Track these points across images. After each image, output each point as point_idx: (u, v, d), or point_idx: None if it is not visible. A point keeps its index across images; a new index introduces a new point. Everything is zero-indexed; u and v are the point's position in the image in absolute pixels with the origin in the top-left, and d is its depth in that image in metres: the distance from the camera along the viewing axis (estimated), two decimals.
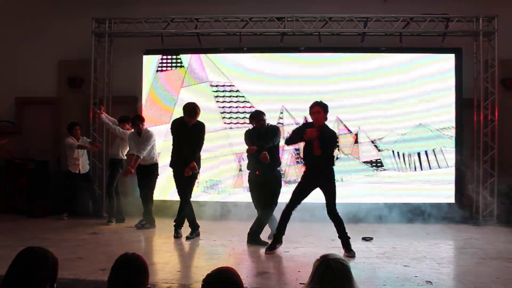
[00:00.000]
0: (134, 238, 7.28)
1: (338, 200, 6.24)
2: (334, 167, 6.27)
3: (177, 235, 7.13)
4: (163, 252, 6.47)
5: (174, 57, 9.31)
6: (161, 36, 9.19)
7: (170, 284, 4.86)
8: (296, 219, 6.58)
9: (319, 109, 6.18)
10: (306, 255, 6.13)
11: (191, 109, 7.05)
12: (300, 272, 5.32)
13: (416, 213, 8.52)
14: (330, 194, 6.17)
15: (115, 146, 8.73)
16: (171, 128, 7.27)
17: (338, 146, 6.21)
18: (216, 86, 9.19)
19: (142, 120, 8.09)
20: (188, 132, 7.05)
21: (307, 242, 6.82)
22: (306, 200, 6.34)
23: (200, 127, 7.15)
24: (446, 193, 8.78)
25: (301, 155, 6.99)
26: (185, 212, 7.22)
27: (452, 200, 8.78)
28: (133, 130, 8.11)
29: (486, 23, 8.80)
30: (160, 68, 9.34)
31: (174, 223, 7.23)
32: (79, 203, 9.06)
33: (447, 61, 8.91)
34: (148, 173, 8.04)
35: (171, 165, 7.29)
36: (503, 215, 8.40)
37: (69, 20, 9.71)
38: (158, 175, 8.20)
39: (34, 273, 2.49)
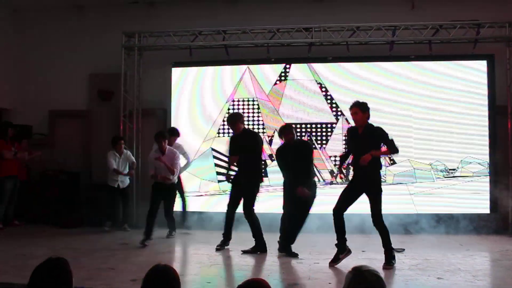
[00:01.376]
0: (165, 249, 7.31)
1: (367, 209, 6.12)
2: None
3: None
4: (193, 263, 6.48)
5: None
6: (190, 49, 9.30)
7: None
8: (324, 229, 6.49)
9: (356, 109, 6.13)
10: (336, 266, 6.05)
11: (228, 117, 7.31)
12: (331, 284, 5.25)
13: (449, 224, 8.33)
14: (375, 202, 6.03)
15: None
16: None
17: (391, 139, 6.03)
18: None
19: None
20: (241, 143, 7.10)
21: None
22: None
23: (252, 137, 7.15)
24: (480, 203, 8.55)
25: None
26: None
27: (487, 210, 8.54)
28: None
29: None
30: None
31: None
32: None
33: (479, 68, 8.73)
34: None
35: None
36: None
37: (100, 34, 9.94)
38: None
39: (54, 283, 2.53)
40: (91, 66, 10.08)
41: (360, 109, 6.10)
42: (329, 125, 9.00)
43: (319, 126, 9.02)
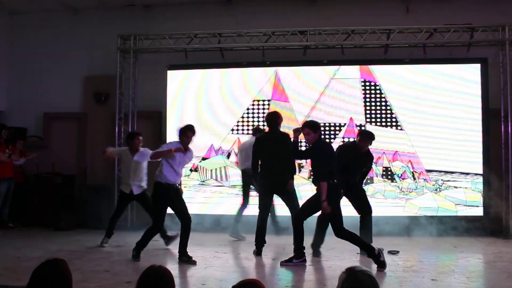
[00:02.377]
0: (159, 251, 7.30)
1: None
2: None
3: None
4: (188, 265, 6.47)
5: None
6: (185, 52, 9.32)
7: None
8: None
9: (307, 130, 6.21)
10: (331, 268, 6.07)
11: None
12: (326, 285, 5.27)
13: (442, 226, 8.36)
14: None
15: (243, 158, 8.08)
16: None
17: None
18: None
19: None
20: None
21: (331, 255, 6.75)
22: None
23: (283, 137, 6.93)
24: (474, 206, 8.60)
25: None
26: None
27: (480, 212, 8.59)
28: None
29: None
30: None
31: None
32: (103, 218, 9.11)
33: (473, 71, 8.79)
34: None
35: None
36: None
37: (95, 37, 9.95)
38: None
39: (54, 285, 2.53)
40: (86, 69, 10.10)
41: (312, 129, 6.19)
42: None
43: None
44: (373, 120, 8.88)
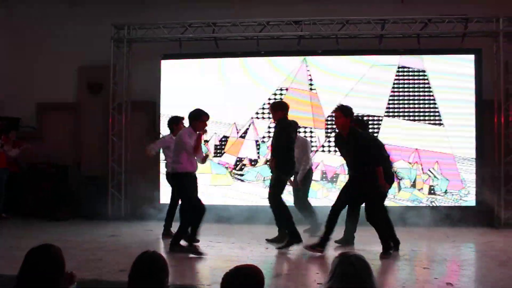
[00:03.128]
0: (154, 241, 7.33)
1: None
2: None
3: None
4: (182, 255, 6.49)
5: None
6: (179, 41, 9.28)
7: (189, 285, 4.88)
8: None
9: (338, 114, 6.13)
10: (324, 257, 6.10)
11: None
12: (319, 274, 5.31)
13: (435, 216, 8.41)
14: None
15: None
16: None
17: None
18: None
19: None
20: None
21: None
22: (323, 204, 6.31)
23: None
24: (466, 196, 8.66)
25: None
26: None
27: (473, 203, 8.65)
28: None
29: (507, 23, 8.67)
30: None
31: None
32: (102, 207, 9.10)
33: (467, 62, 8.81)
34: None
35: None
36: None
37: (89, 26, 9.85)
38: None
39: (45, 270, 2.55)
40: (80, 58, 10.00)
41: (343, 113, 6.08)
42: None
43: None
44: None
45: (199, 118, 6.40)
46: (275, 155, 6.64)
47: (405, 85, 8.91)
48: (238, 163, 9.16)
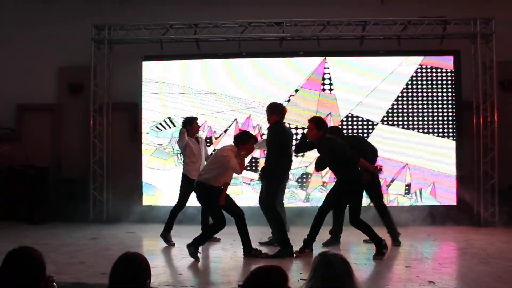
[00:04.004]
0: (135, 243, 7.27)
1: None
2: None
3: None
4: (164, 256, 6.46)
5: None
6: (161, 42, 9.23)
7: (171, 286, 4.85)
8: (298, 222, 6.54)
9: (312, 125, 6.19)
10: (307, 257, 6.11)
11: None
12: (302, 274, 5.31)
13: (416, 215, 8.49)
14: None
15: None
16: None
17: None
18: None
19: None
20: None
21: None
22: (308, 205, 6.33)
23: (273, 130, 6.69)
24: (447, 195, 8.77)
25: None
26: None
27: (453, 202, 8.77)
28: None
29: (484, 25, 8.84)
30: None
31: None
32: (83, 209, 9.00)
33: (446, 63, 8.93)
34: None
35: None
36: (504, 216, 8.37)
37: (69, 26, 9.72)
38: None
39: (24, 272, 2.50)
40: (60, 59, 9.88)
41: (316, 126, 6.15)
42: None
43: None
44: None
45: (248, 141, 6.32)
46: (266, 162, 6.63)
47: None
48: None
